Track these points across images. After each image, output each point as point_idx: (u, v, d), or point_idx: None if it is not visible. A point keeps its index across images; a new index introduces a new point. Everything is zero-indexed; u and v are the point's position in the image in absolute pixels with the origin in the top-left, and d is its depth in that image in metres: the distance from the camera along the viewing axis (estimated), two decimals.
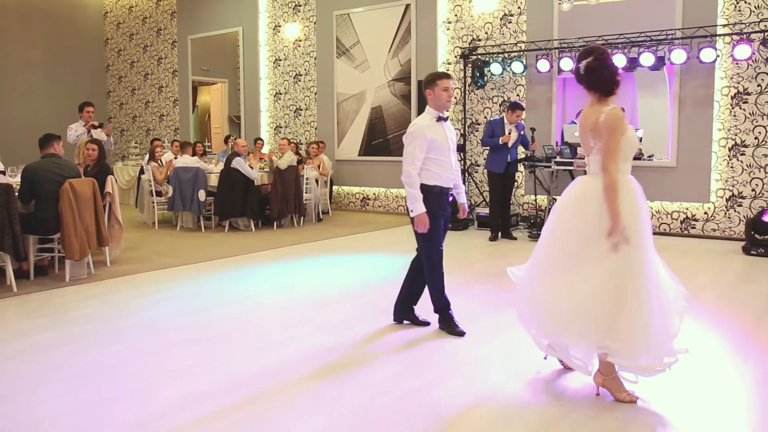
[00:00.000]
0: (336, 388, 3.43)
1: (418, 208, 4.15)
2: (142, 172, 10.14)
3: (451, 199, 4.55)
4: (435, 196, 4.25)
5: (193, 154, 9.82)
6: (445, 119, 4.34)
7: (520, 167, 8.95)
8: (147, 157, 9.92)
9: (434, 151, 4.21)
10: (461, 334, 4.30)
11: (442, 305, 4.43)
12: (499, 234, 8.48)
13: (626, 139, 3.17)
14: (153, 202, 9.47)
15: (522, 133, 8.33)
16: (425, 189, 4.20)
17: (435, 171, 4.23)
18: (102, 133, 8.61)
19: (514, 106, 8.22)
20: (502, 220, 8.48)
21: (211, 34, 13.57)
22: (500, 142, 8.21)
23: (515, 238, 8.30)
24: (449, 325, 4.39)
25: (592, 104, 3.31)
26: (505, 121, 8.27)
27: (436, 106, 4.30)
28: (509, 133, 8.19)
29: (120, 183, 11.98)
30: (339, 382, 3.53)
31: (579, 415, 3.08)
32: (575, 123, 8.57)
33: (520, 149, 8.74)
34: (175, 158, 9.76)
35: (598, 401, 3.23)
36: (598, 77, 3.27)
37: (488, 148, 8.56)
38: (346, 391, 3.40)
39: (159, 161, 9.66)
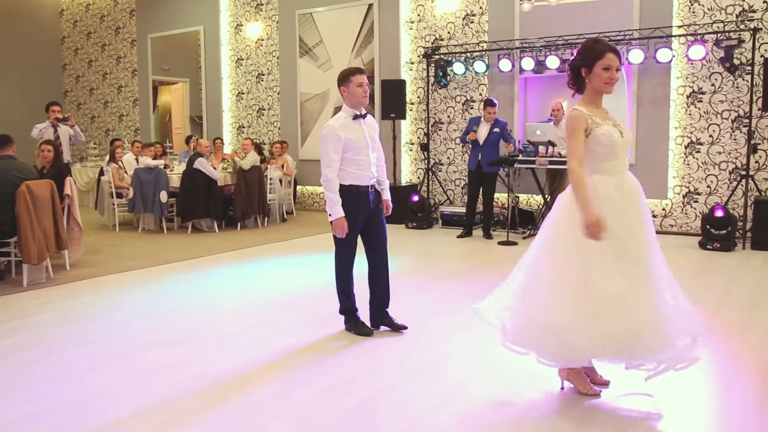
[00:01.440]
0: (303, 391, 3.42)
1: (336, 212, 4.07)
2: (101, 173, 9.95)
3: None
4: (353, 196, 4.15)
5: (154, 157, 9.66)
6: (364, 116, 4.22)
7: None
8: (107, 158, 9.73)
9: (351, 151, 4.11)
10: (369, 333, 4.27)
11: (348, 308, 4.35)
12: (472, 231, 8.57)
13: (594, 138, 3.07)
14: (113, 204, 9.30)
15: (496, 130, 8.24)
16: (343, 189, 4.11)
17: (352, 171, 4.14)
18: (67, 126, 8.47)
19: (485, 103, 8.29)
20: (483, 220, 8.55)
21: (171, 33, 13.37)
22: (468, 140, 8.30)
23: (491, 238, 8.33)
24: (356, 326, 4.33)
25: None
26: (482, 119, 8.34)
27: (352, 103, 4.17)
28: (475, 131, 8.25)
29: (79, 185, 11.73)
30: (306, 384, 3.52)
31: (545, 411, 3.13)
32: (550, 122, 8.69)
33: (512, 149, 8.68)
34: (137, 159, 9.61)
35: (562, 395, 3.29)
36: (569, 74, 3.25)
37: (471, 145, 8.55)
38: (313, 393, 3.39)
39: (120, 162, 9.49)
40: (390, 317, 4.42)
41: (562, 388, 3.33)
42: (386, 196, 4.41)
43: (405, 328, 4.39)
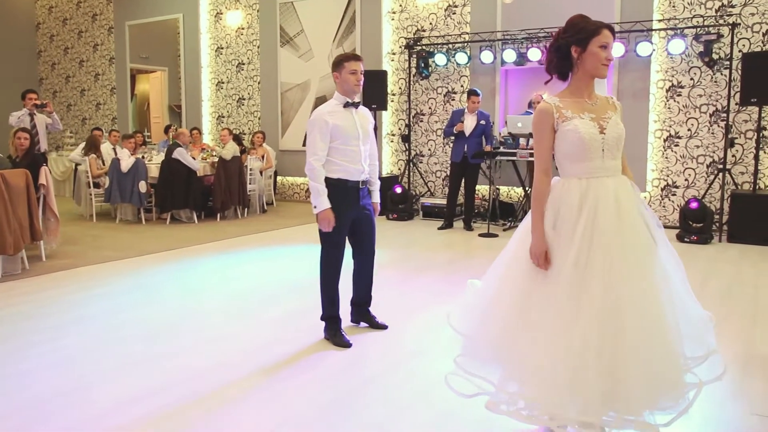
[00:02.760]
0: (284, 384, 3.41)
1: (321, 203, 3.78)
2: (79, 162, 9.79)
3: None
4: (340, 192, 3.85)
5: (134, 148, 9.53)
6: (356, 105, 3.97)
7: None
8: (83, 145, 9.56)
9: (339, 140, 3.83)
10: (347, 345, 3.93)
11: (330, 315, 4.05)
12: (453, 223, 8.58)
13: (561, 134, 2.57)
14: (90, 194, 9.17)
15: (482, 123, 8.24)
16: (329, 183, 3.82)
17: (339, 162, 3.85)
18: (44, 114, 8.36)
19: (469, 93, 8.29)
20: (464, 212, 8.55)
21: (149, 21, 13.17)
22: (454, 131, 8.30)
23: (472, 230, 8.35)
24: (335, 335, 4.00)
25: None
26: (466, 110, 8.33)
27: (344, 90, 3.93)
28: (462, 122, 8.25)
29: (55, 174, 11.56)
30: (287, 377, 3.50)
31: None
32: (530, 114, 8.70)
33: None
34: (114, 148, 9.48)
35: None
36: (552, 57, 2.73)
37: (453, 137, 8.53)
38: (294, 386, 3.38)
39: (98, 153, 9.35)
40: (371, 315, 4.31)
41: None
42: (375, 198, 4.19)
43: (385, 327, 4.26)
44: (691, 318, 2.60)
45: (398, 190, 9.35)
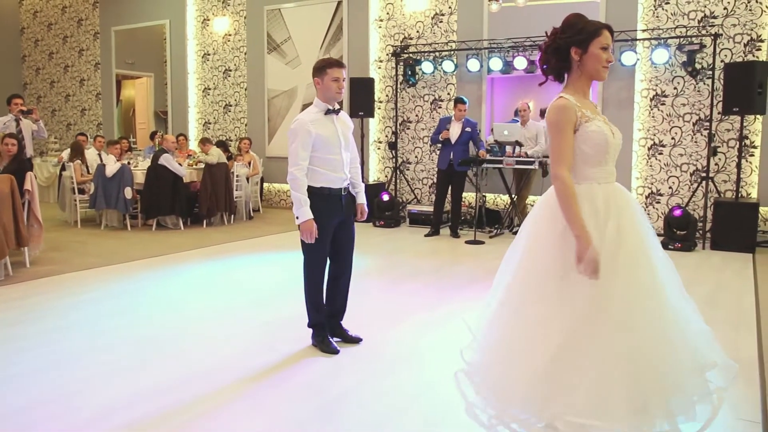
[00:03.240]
0: (270, 391, 3.40)
1: (303, 214, 3.70)
2: (63, 168, 9.72)
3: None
4: (323, 200, 3.80)
5: (120, 154, 9.49)
6: (337, 111, 3.90)
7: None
8: (68, 151, 9.50)
9: (322, 149, 3.77)
10: (336, 352, 3.92)
11: (317, 322, 4.01)
12: (439, 230, 8.61)
13: (584, 135, 2.45)
14: (75, 200, 9.10)
15: (468, 130, 8.27)
16: (312, 192, 3.76)
17: (322, 171, 3.79)
18: (30, 120, 8.29)
19: (456, 101, 8.33)
20: (451, 219, 8.58)
21: (136, 26, 13.13)
22: (440, 138, 8.34)
23: (459, 237, 8.37)
24: (322, 342, 3.97)
25: None
26: (453, 117, 8.38)
27: (325, 97, 3.85)
28: (448, 130, 8.29)
29: (39, 180, 11.46)
30: (273, 384, 3.50)
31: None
32: (516, 122, 8.77)
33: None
34: (99, 154, 9.43)
35: None
36: (549, 58, 2.61)
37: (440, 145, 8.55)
38: (280, 393, 3.37)
39: (82, 158, 9.29)
40: (344, 329, 4.16)
41: None
42: (361, 200, 4.14)
43: (359, 340, 4.13)
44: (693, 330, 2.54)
45: (385, 197, 9.37)
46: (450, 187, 8.47)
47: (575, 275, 2.35)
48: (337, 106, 3.93)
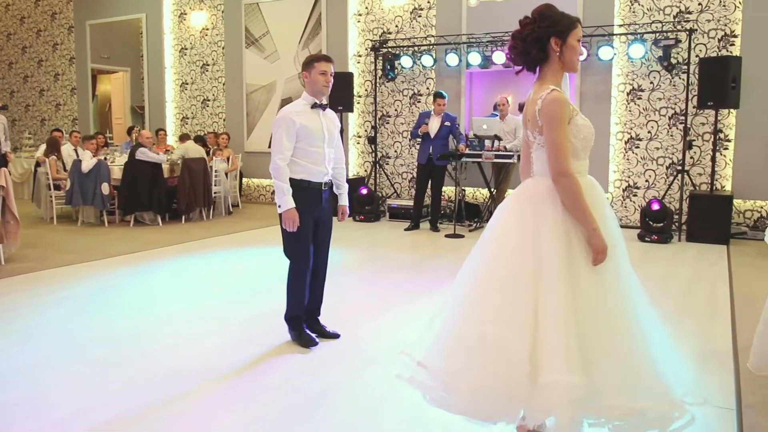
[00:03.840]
0: (248, 387, 3.39)
1: (286, 203, 3.75)
2: (38, 164, 9.58)
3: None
4: (303, 193, 3.83)
5: (96, 149, 9.37)
6: (324, 107, 3.94)
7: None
8: (43, 147, 9.36)
9: (304, 141, 3.81)
10: (314, 344, 3.93)
11: (295, 315, 4.00)
12: (419, 224, 8.63)
13: (575, 128, 2.42)
14: (51, 197, 8.98)
15: (447, 124, 8.30)
16: (291, 184, 3.78)
17: (303, 163, 3.83)
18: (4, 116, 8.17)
19: (435, 95, 8.36)
20: (431, 213, 8.60)
21: (111, 20, 12.96)
22: (420, 132, 8.36)
23: (438, 231, 8.39)
24: (300, 336, 3.97)
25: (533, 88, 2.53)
26: (432, 112, 8.40)
27: (312, 91, 3.89)
28: (427, 124, 8.31)
29: (14, 176, 11.27)
30: (250, 380, 3.49)
31: None
32: (495, 116, 8.81)
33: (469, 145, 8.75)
34: (75, 150, 9.30)
35: None
36: (526, 47, 2.52)
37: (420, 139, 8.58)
38: (258, 389, 3.36)
39: (58, 155, 9.16)
40: (321, 325, 4.14)
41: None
42: (343, 201, 4.15)
43: (337, 336, 4.11)
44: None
45: (364, 191, 9.37)
46: (429, 181, 8.49)
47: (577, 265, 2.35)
48: (324, 102, 3.97)
